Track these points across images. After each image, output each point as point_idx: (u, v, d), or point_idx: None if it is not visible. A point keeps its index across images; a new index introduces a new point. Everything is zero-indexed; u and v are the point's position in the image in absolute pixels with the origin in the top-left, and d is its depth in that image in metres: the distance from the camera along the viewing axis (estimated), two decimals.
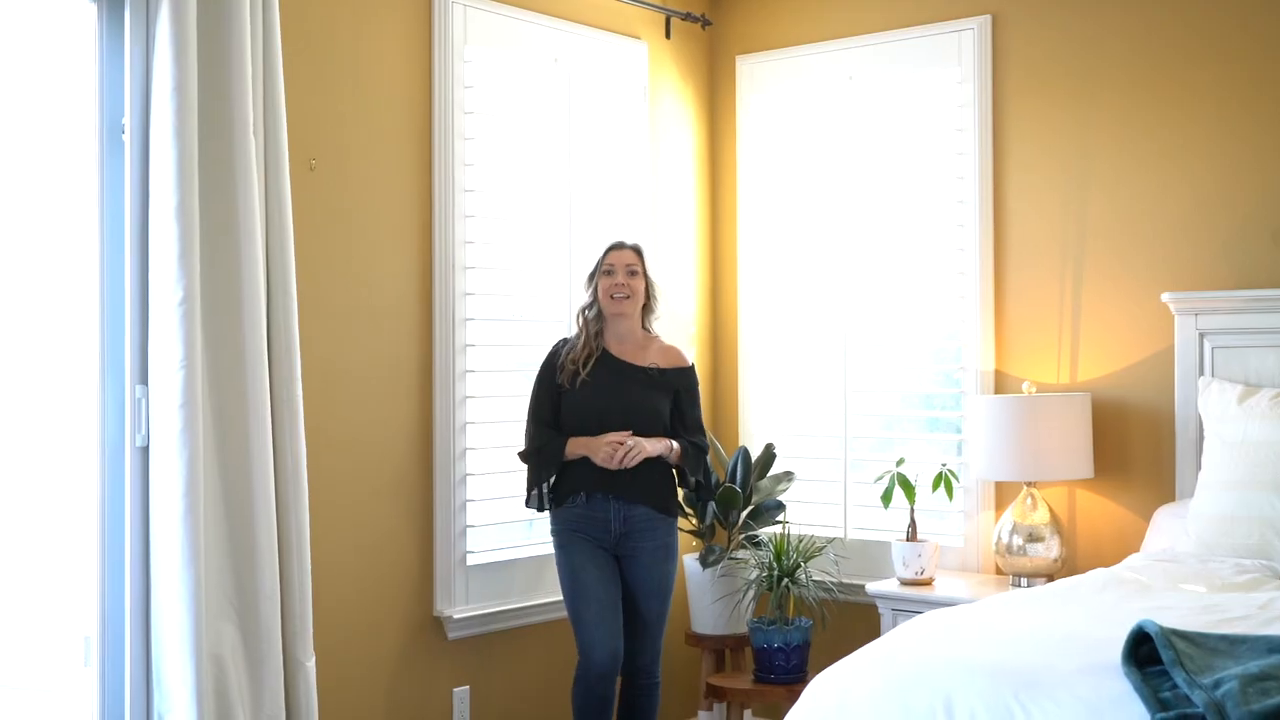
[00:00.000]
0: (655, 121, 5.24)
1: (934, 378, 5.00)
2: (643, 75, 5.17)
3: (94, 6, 3.66)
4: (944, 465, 4.65)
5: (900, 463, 4.67)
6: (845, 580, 4.88)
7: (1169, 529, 4.18)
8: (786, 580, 4.66)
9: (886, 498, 4.63)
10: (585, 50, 4.94)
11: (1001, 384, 4.77)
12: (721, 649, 4.93)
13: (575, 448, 4.23)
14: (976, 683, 2.59)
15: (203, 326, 3.63)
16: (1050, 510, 4.48)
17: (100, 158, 3.67)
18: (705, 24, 5.40)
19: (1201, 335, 4.33)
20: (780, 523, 4.85)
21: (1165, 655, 2.47)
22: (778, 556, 4.68)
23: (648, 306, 4.41)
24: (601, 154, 5.03)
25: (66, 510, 3.80)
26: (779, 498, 4.94)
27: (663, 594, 4.33)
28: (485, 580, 4.58)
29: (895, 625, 4.08)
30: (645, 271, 4.38)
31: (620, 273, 4.32)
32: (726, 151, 5.48)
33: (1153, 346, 4.48)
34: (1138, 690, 2.41)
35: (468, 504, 4.52)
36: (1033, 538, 4.43)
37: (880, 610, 4.59)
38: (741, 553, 4.84)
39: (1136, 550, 4.25)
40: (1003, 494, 4.73)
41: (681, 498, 4.52)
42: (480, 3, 4.57)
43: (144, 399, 3.64)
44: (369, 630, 4.28)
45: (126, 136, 3.65)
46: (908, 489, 4.60)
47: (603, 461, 4.17)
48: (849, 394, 5.12)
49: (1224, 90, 4.37)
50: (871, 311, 5.09)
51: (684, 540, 5.06)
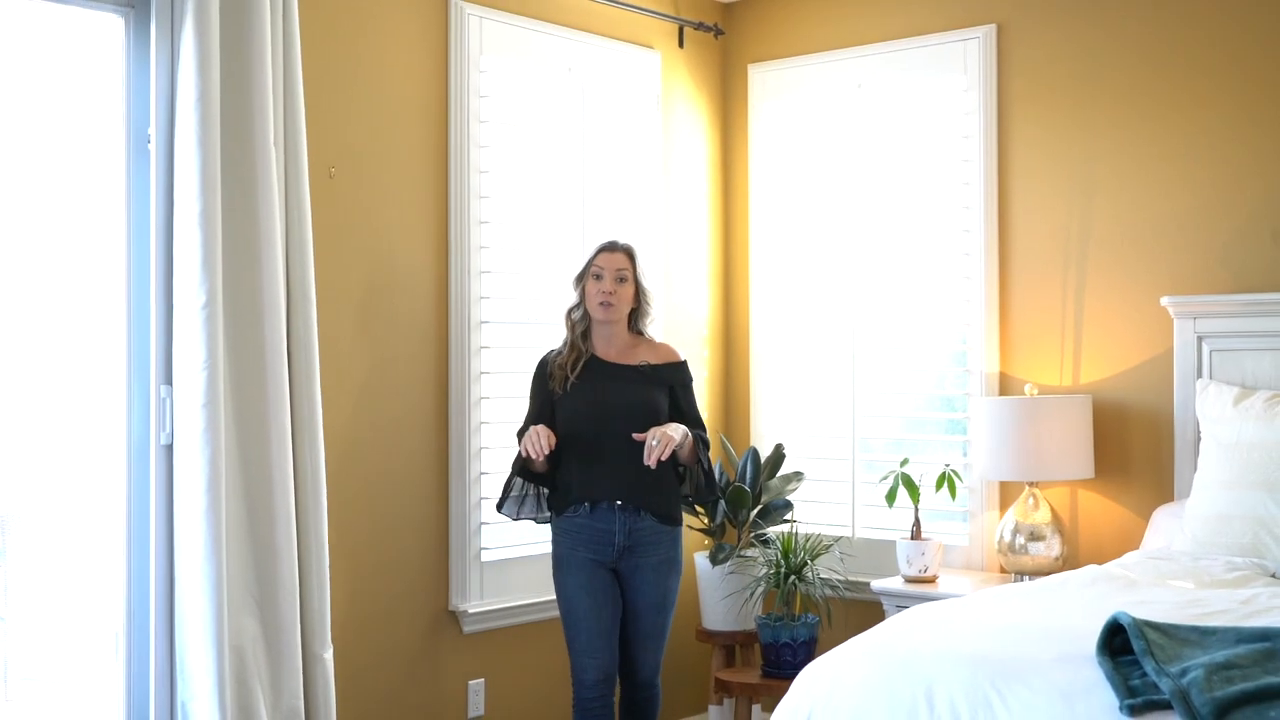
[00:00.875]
0: (668, 129, 5.36)
1: (940, 380, 5.10)
2: (656, 84, 5.29)
3: (122, 21, 3.81)
4: (947, 465, 4.75)
5: (904, 463, 4.77)
6: (852, 578, 4.98)
7: (1167, 528, 4.27)
8: (794, 577, 4.76)
9: (891, 497, 4.74)
10: (599, 60, 5.07)
11: (1006, 386, 4.87)
12: (731, 645, 5.04)
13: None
14: (957, 672, 2.70)
15: (225, 329, 3.77)
16: (1052, 510, 4.58)
17: (127, 166, 3.81)
18: (718, 33, 5.52)
19: (1200, 338, 4.42)
20: (788, 521, 4.97)
21: (1136, 645, 2.57)
22: (785, 554, 4.79)
23: (640, 310, 4.23)
24: (615, 161, 5.15)
25: (95, 506, 3.93)
26: (788, 497, 5.05)
27: (664, 607, 4.19)
28: (500, 576, 4.70)
29: None
30: (636, 276, 4.18)
31: (609, 278, 4.12)
32: (739, 158, 5.60)
33: (1153, 349, 4.57)
34: (1108, 678, 2.52)
35: (482, 501, 4.64)
36: (1034, 536, 4.53)
37: (885, 607, 4.69)
38: (750, 551, 4.95)
39: (1136, 549, 4.33)
40: (1007, 494, 4.83)
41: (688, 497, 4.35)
42: (495, 14, 4.70)
43: (168, 399, 3.78)
44: (386, 624, 4.41)
45: (152, 146, 3.79)
46: (911, 489, 4.70)
47: (531, 453, 3.96)
48: (857, 396, 5.23)
49: (1223, 97, 4.45)
50: (879, 315, 5.20)
51: (695, 538, 5.19)
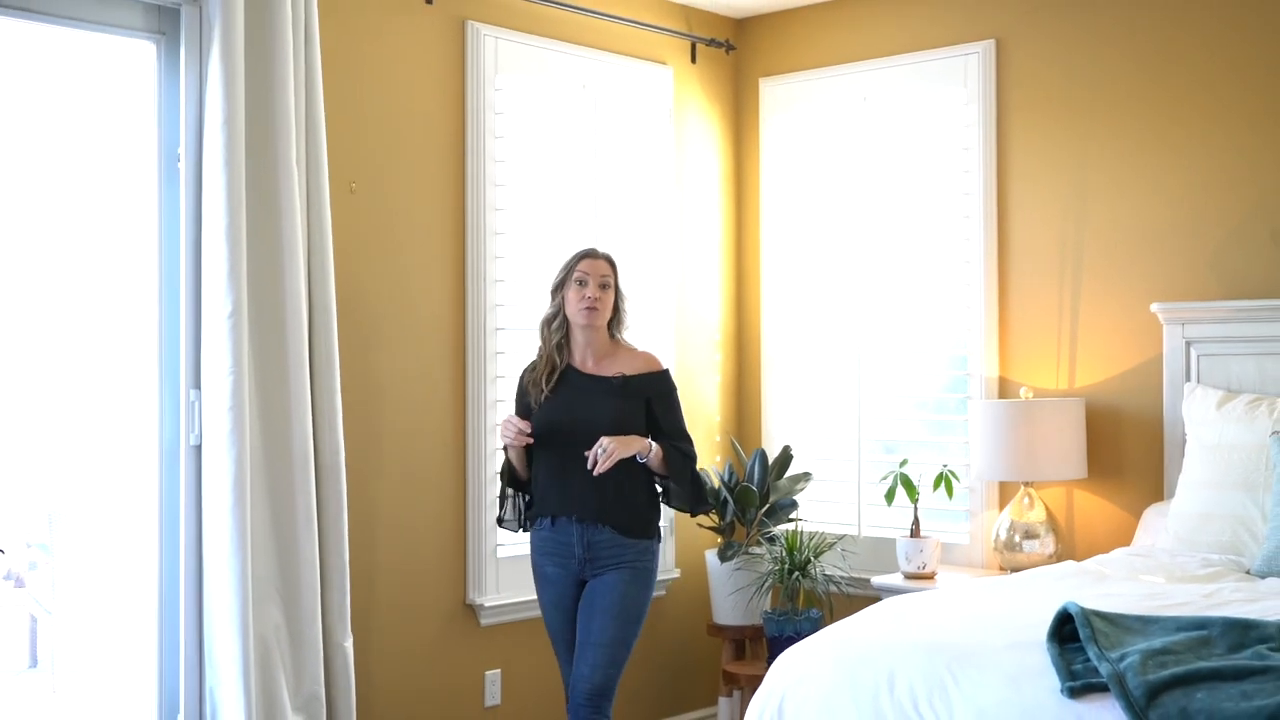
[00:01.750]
0: (680, 141, 5.56)
1: (942, 383, 5.27)
2: (668, 98, 5.49)
3: (154, 47, 4.05)
4: (945, 466, 4.92)
5: (903, 464, 4.95)
6: (855, 574, 5.16)
7: (1155, 526, 4.42)
8: (797, 574, 4.95)
9: (889, 496, 4.92)
10: (612, 76, 5.27)
11: (1005, 389, 5.03)
12: (741, 638, 5.24)
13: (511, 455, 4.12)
14: (916, 658, 2.89)
15: (249, 337, 3.99)
16: (1046, 509, 4.74)
17: (159, 184, 4.05)
18: (729, 49, 5.72)
19: (1188, 343, 4.56)
20: (793, 520, 5.15)
21: (1082, 633, 2.75)
22: (790, 552, 4.98)
23: (616, 318, 4.18)
24: (628, 172, 5.36)
25: (130, 503, 4.18)
26: (795, 497, 5.23)
27: (618, 614, 3.98)
28: (514, 571, 4.90)
29: None
30: (617, 284, 4.16)
31: (593, 284, 4.07)
32: (750, 168, 5.79)
33: (1145, 354, 4.72)
34: (1054, 662, 2.70)
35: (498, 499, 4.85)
36: (1029, 535, 4.69)
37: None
38: (758, 548, 5.14)
39: (1128, 546, 4.48)
40: (1005, 494, 4.99)
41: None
42: (511, 34, 4.91)
43: (197, 402, 4.02)
44: (406, 616, 4.63)
45: (182, 165, 4.02)
46: (909, 488, 4.88)
47: (508, 439, 4.02)
48: (863, 398, 5.41)
49: (1214, 108, 4.59)
50: (884, 320, 5.38)
51: (705, 536, 5.39)
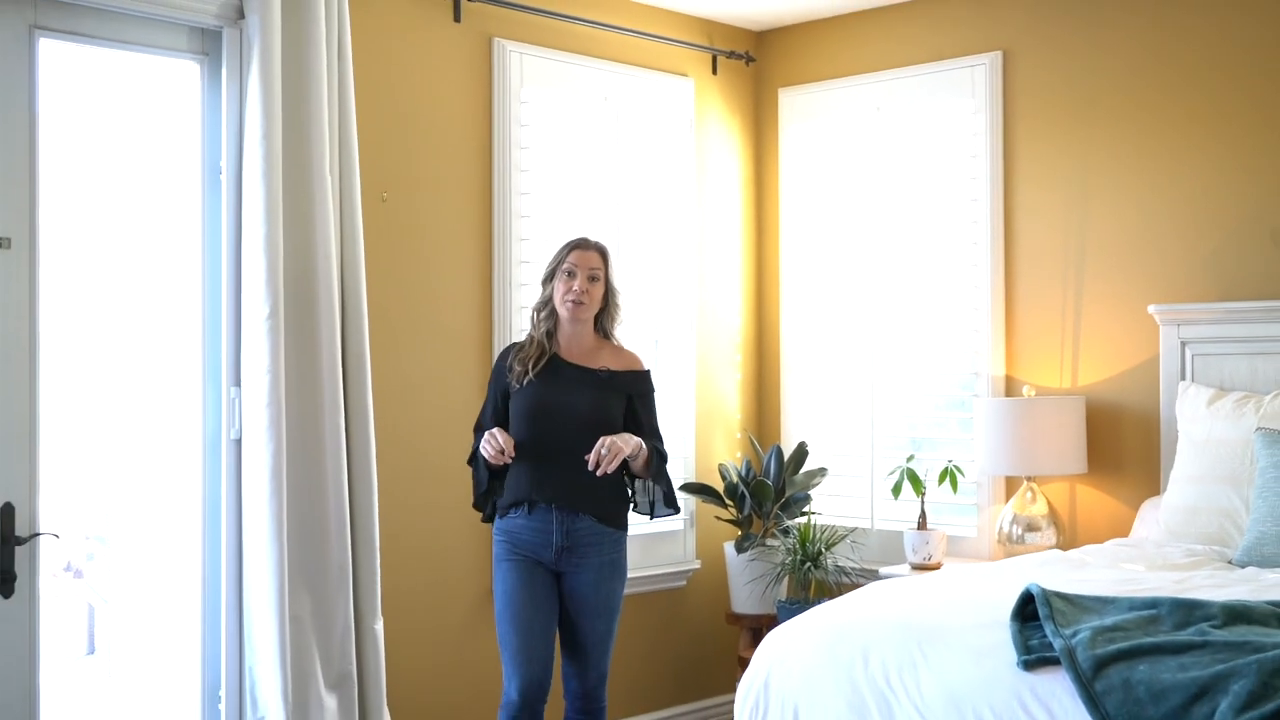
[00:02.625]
0: (701, 149, 5.79)
1: (952, 382, 5.47)
2: (689, 109, 5.72)
3: (198, 67, 4.33)
4: (950, 461, 5.12)
5: (910, 459, 5.15)
6: (866, 565, 5.37)
7: (1150, 519, 4.61)
8: (809, 564, 5.17)
9: (896, 490, 5.13)
10: (634, 88, 5.51)
11: (1012, 388, 5.23)
12: (758, 626, 5.45)
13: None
14: (889, 635, 3.12)
15: (286, 337, 4.26)
16: (1048, 503, 4.93)
17: (202, 195, 4.32)
18: (749, 60, 5.95)
19: (1183, 344, 4.75)
20: (807, 514, 5.37)
21: (1041, 611, 2.96)
22: (802, 544, 5.20)
23: (608, 313, 4.17)
24: (649, 180, 5.60)
25: (175, 494, 4.45)
26: (810, 491, 5.45)
27: (607, 613, 4.06)
28: None
29: None
30: (608, 277, 4.13)
31: (581, 277, 4.05)
32: (770, 175, 6.01)
33: (1143, 354, 4.90)
34: (1013, 639, 2.91)
35: None
36: (1030, 527, 4.89)
37: None
38: (773, 540, 5.36)
39: (1124, 538, 4.68)
40: (1012, 488, 5.18)
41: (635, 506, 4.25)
42: (535, 50, 5.16)
43: (237, 399, 4.29)
44: (434, 602, 4.89)
45: (224, 177, 4.30)
46: (915, 483, 5.09)
47: (490, 455, 3.94)
48: (875, 397, 5.62)
49: (1212, 116, 4.77)
50: (897, 321, 5.59)
51: (725, 529, 5.62)
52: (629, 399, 4.12)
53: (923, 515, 5.13)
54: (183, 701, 4.39)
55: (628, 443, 3.96)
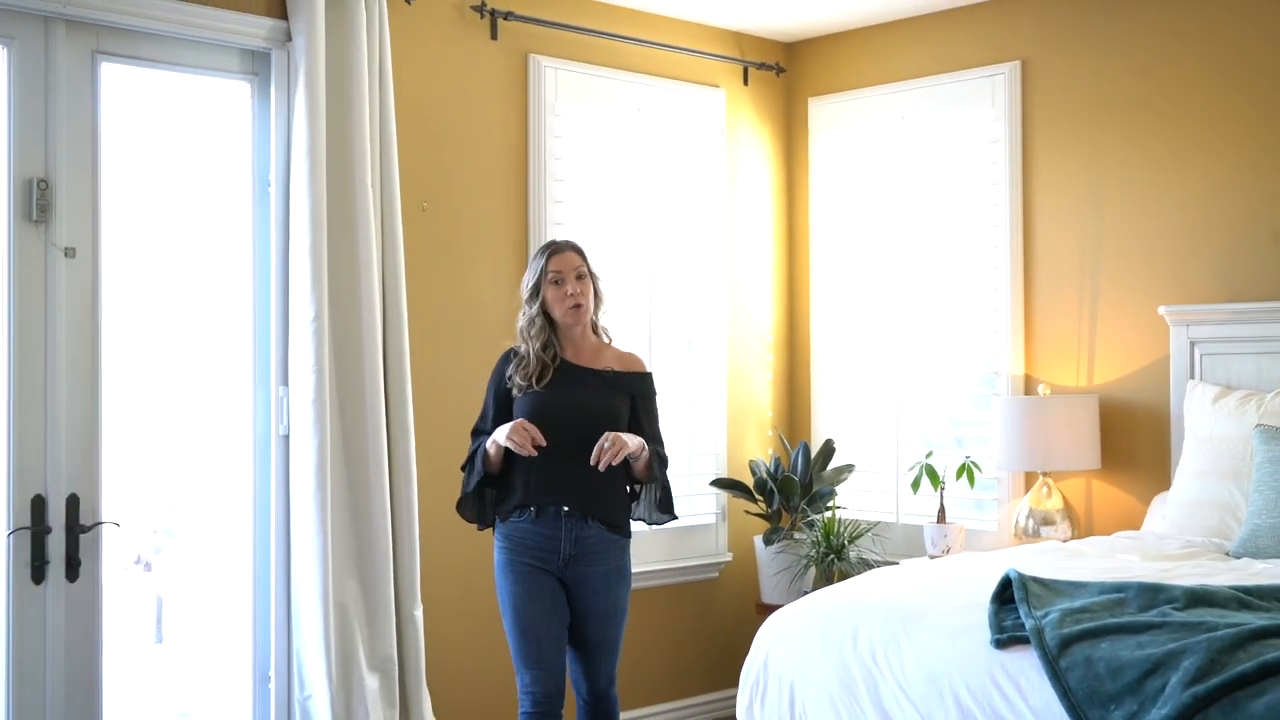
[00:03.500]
0: (732, 158, 6.01)
1: (974, 380, 5.65)
2: (720, 119, 5.95)
3: (248, 86, 4.62)
4: (967, 457, 5.31)
5: (929, 455, 5.35)
6: (889, 558, 5.57)
7: (1158, 514, 4.77)
8: (833, 556, 5.38)
9: (915, 485, 5.32)
10: (666, 100, 5.75)
11: (1031, 387, 5.40)
12: None
13: (492, 451, 3.98)
14: (876, 617, 3.34)
15: (330, 339, 4.53)
16: (1063, 497, 5.10)
17: (253, 206, 4.61)
18: (779, 71, 6.16)
19: (1192, 344, 4.90)
20: (831, 508, 5.58)
21: (1017, 594, 3.16)
22: (826, 537, 5.41)
23: (596, 303, 4.14)
24: (680, 188, 5.83)
25: (230, 487, 4.74)
26: (837, 486, 5.66)
27: (615, 618, 4.06)
28: None
29: None
30: (591, 271, 4.11)
31: (570, 279, 4.03)
32: (800, 181, 6.22)
33: (1155, 353, 5.06)
34: (989, 620, 3.12)
35: None
36: (1045, 521, 5.06)
37: None
38: (800, 534, 5.58)
39: (1134, 531, 4.84)
40: (1031, 484, 5.35)
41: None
42: (569, 64, 5.41)
43: (285, 397, 4.57)
44: (470, 590, 5.12)
45: (272, 189, 4.58)
46: (933, 478, 5.28)
47: (516, 446, 3.84)
48: (900, 396, 5.82)
49: (1221, 122, 4.92)
50: (920, 322, 5.78)
51: (755, 523, 5.84)
52: (631, 399, 4.09)
53: (941, 509, 5.31)
54: (236, 683, 4.68)
55: (632, 441, 3.91)
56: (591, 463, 3.84)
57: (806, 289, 6.20)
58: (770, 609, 5.63)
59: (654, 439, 4.09)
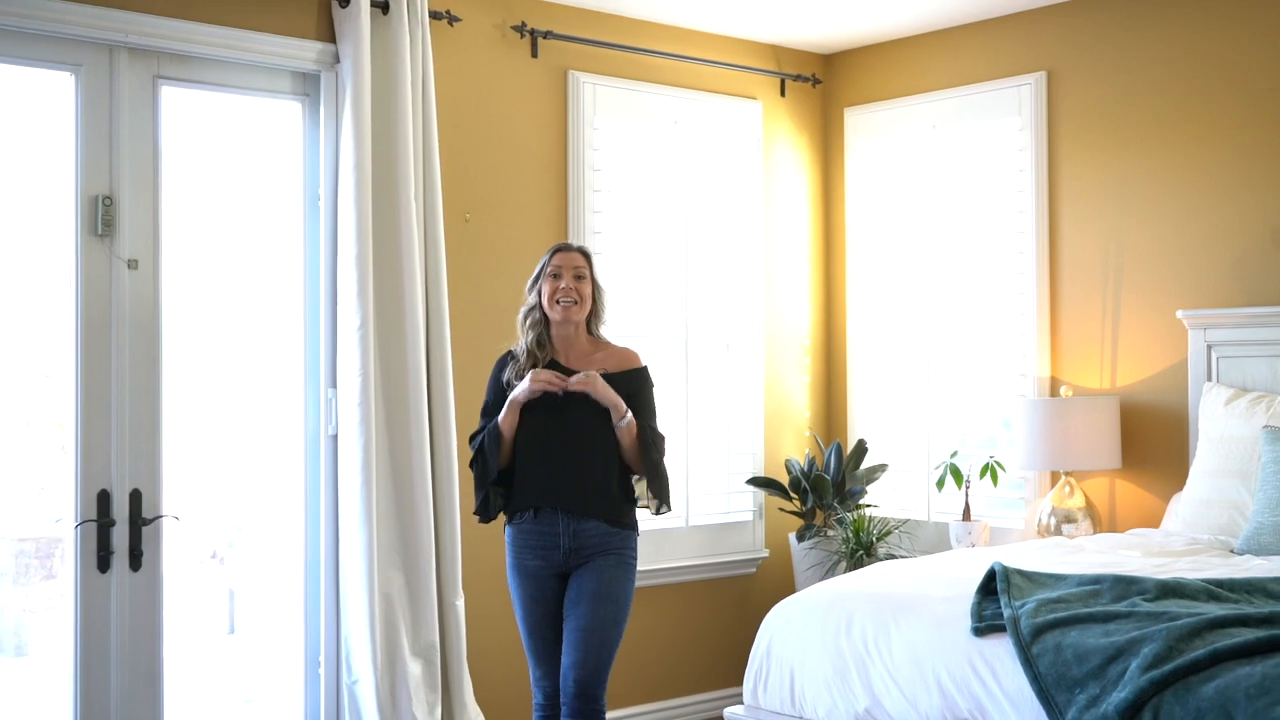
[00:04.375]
0: (769, 168, 6.21)
1: (1001, 382, 5.80)
2: (757, 130, 6.15)
3: (299, 106, 4.91)
4: (991, 457, 5.47)
5: (954, 455, 5.52)
6: (919, 554, 5.74)
7: (1174, 513, 4.91)
8: (862, 552, 5.56)
9: (940, 484, 5.49)
10: (704, 112, 5.96)
11: (1056, 389, 5.54)
12: None
13: (506, 414, 4.06)
14: (869, 606, 3.54)
15: (375, 345, 4.80)
16: (1085, 496, 5.25)
17: (303, 219, 4.90)
18: (816, 82, 6.36)
19: (1209, 346, 5.03)
20: (862, 506, 5.76)
21: (999, 585, 3.35)
22: (855, 534, 5.60)
23: (594, 313, 4.20)
24: (718, 198, 6.04)
25: (287, 484, 5.02)
26: (869, 485, 5.84)
27: (606, 601, 3.99)
28: None
29: None
30: (593, 276, 4.18)
31: (567, 276, 4.10)
32: (836, 190, 6.41)
33: (1174, 357, 5.19)
34: (971, 609, 3.31)
35: None
36: (1067, 519, 5.21)
37: None
38: (833, 531, 5.77)
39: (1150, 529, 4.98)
40: (1056, 483, 5.50)
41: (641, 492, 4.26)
42: (608, 80, 5.64)
43: (333, 399, 4.85)
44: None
45: (321, 203, 4.86)
46: (957, 476, 5.45)
47: (537, 386, 3.98)
48: (932, 397, 5.99)
49: (1237, 136, 5.05)
50: (952, 326, 5.94)
51: (790, 521, 6.03)
52: (626, 397, 4.08)
53: (966, 508, 5.48)
54: (289, 667, 4.97)
55: (609, 390, 3.99)
56: (567, 381, 3.96)
57: (842, 294, 6.39)
58: None
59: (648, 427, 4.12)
